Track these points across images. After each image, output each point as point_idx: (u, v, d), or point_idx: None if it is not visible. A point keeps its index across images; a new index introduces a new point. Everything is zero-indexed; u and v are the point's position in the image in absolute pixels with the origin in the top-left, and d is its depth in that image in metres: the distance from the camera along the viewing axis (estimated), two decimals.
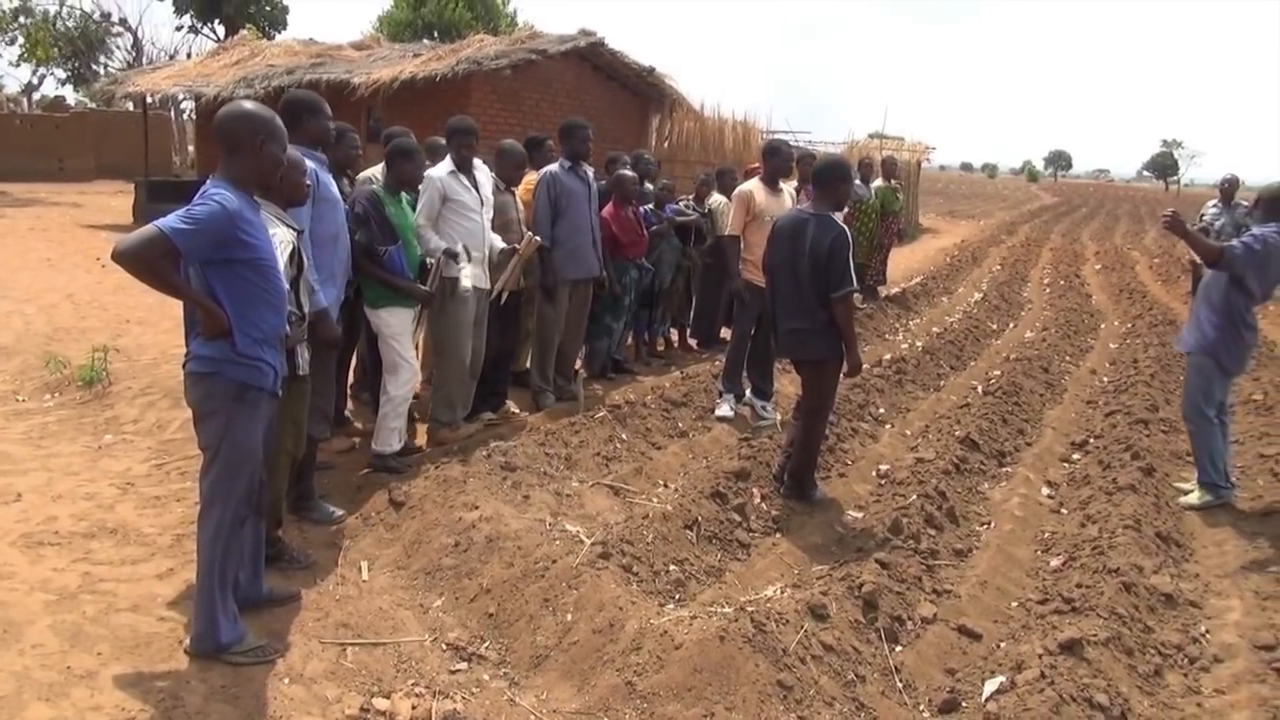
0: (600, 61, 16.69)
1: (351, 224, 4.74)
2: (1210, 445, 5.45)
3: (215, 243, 3.06)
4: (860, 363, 5.22)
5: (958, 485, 5.55)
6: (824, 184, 5.12)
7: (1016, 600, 4.38)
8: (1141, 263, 20.04)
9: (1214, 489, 5.47)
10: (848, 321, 4.98)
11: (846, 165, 5.38)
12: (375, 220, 4.91)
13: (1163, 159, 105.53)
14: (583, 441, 5.59)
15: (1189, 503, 5.48)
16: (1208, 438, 5.44)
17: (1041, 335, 10.77)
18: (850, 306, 5.02)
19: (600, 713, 3.25)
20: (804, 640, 3.51)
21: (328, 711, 3.12)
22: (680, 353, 8.68)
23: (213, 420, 3.24)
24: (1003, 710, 3.28)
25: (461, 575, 4.06)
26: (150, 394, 6.33)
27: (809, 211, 5.11)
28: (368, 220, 4.89)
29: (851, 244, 5.01)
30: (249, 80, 15.43)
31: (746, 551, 4.67)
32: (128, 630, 3.44)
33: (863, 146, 23.64)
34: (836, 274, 4.87)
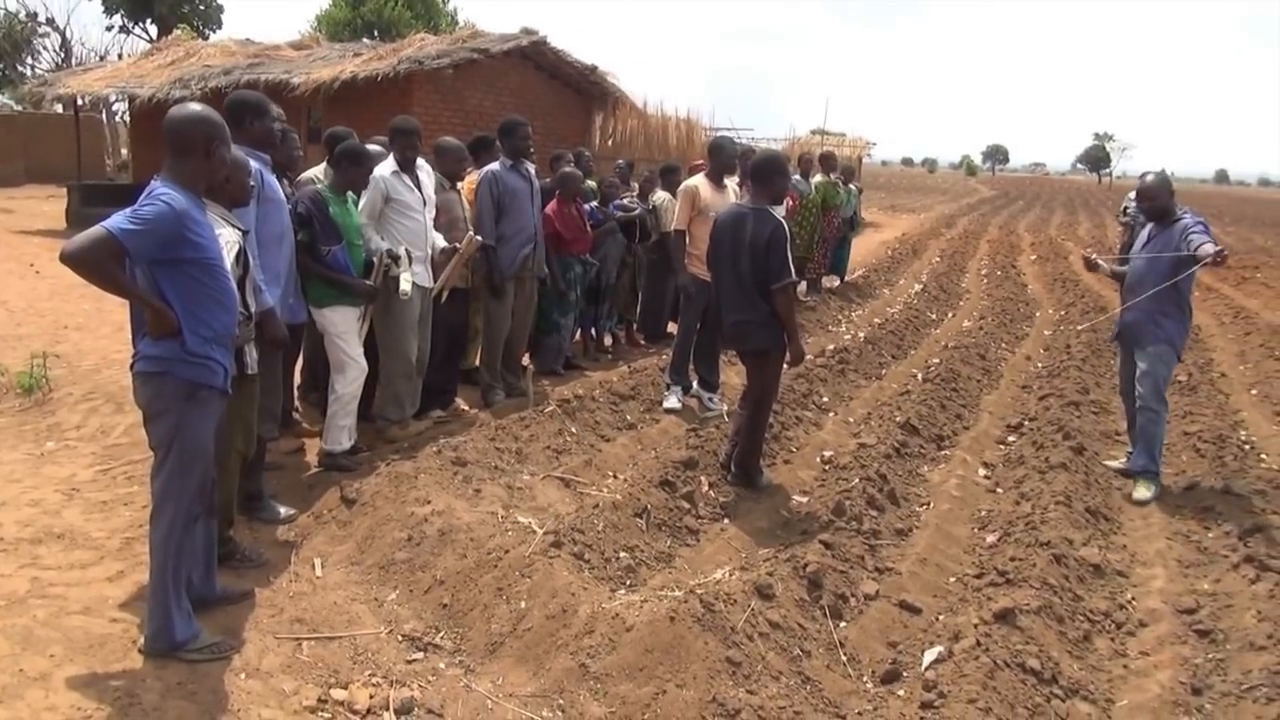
0: (543, 60, 16.71)
1: (295, 223, 4.75)
2: (1162, 432, 5.67)
3: (163, 243, 3.08)
4: (802, 352, 5.33)
5: (898, 468, 5.73)
6: (760, 179, 5.25)
7: (954, 575, 4.56)
8: (1075, 252, 20.61)
9: (1156, 478, 5.65)
10: (788, 312, 5.11)
11: (781, 160, 5.52)
12: (319, 220, 4.93)
13: (1095, 152, 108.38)
14: (533, 435, 5.66)
15: (1142, 498, 5.52)
16: (1161, 425, 5.65)
17: (979, 324, 11.07)
18: (790, 297, 5.16)
19: (555, 694, 3.34)
20: (751, 619, 3.63)
21: (286, 704, 3.16)
22: (627, 348, 8.78)
23: (163, 420, 3.26)
24: (941, 678, 3.43)
25: (415, 568, 4.11)
26: (93, 399, 6.26)
27: (748, 206, 5.24)
28: (310, 220, 4.90)
29: (790, 237, 5.14)
30: (185, 81, 15.17)
31: (695, 537, 4.79)
32: (80, 632, 3.44)
33: (804, 142, 23.98)
34: (775, 266, 5.00)
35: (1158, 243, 5.61)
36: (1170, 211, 5.58)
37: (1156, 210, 5.65)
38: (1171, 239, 5.49)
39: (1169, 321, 5.55)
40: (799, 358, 5.27)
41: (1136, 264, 5.74)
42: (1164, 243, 5.54)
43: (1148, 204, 5.71)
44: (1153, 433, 5.61)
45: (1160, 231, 5.63)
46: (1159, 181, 5.71)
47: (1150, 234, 5.75)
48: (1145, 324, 5.60)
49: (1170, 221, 5.56)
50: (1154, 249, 5.61)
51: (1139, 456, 5.70)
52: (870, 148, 28.78)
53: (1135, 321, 5.68)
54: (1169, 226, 5.55)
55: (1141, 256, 5.73)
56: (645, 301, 8.93)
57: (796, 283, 5.30)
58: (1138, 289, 5.63)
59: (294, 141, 5.35)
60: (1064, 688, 3.52)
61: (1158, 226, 5.66)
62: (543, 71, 17.04)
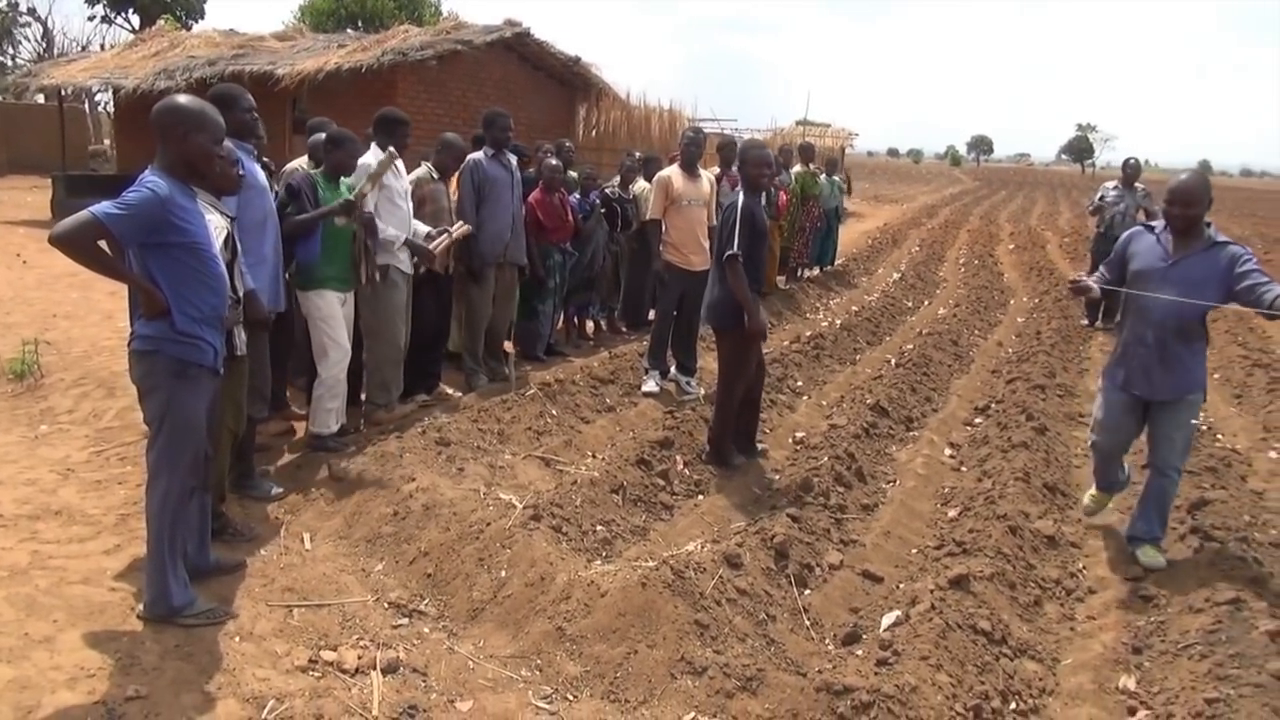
0: (526, 52, 16.82)
1: (285, 195, 4.93)
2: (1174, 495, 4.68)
3: (148, 227, 3.25)
4: (761, 326, 5.36)
5: (867, 448, 5.95)
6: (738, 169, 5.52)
7: (916, 547, 4.79)
8: (1053, 242, 20.92)
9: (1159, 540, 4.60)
10: (736, 283, 5.27)
11: (747, 148, 5.71)
12: (308, 196, 5.10)
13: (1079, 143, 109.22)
14: (514, 417, 5.85)
15: (1158, 563, 4.47)
16: (1176, 488, 4.67)
17: (954, 311, 11.31)
18: (736, 270, 5.27)
19: (534, 655, 3.55)
20: (719, 585, 3.84)
21: (278, 664, 3.35)
22: (609, 335, 8.97)
23: (155, 396, 3.43)
24: (897, 638, 3.65)
25: (400, 541, 4.30)
26: (84, 385, 6.41)
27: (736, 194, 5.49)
28: (299, 194, 5.07)
29: (752, 218, 5.32)
30: (169, 72, 15.21)
31: (670, 512, 5.00)
32: (81, 600, 3.61)
33: (788, 133, 24.17)
34: (725, 238, 5.26)
35: (1191, 268, 4.26)
36: (1202, 225, 4.33)
37: (1190, 221, 4.29)
38: (1215, 269, 4.21)
39: (1198, 360, 4.43)
40: (756, 331, 5.34)
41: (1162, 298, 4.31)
42: (1202, 271, 4.24)
43: (1182, 211, 4.29)
44: (1169, 497, 4.59)
45: (1188, 254, 4.30)
46: (1199, 183, 4.32)
47: (1168, 251, 4.37)
48: (1175, 370, 4.38)
49: (1204, 243, 4.29)
50: (1187, 278, 4.25)
51: (1151, 524, 4.56)
52: (853, 138, 28.97)
53: (1159, 365, 4.41)
54: (1205, 250, 4.27)
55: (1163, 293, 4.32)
56: (626, 289, 9.11)
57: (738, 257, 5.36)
58: (1155, 326, 4.37)
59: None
60: (1013, 648, 3.75)
61: (1182, 243, 4.33)
62: (526, 63, 17.16)
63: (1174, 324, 4.33)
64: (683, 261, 6.83)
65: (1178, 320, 4.31)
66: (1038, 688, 3.58)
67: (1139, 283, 4.45)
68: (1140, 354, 4.48)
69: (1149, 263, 4.43)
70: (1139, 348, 4.48)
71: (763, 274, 5.71)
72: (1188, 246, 4.33)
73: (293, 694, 3.14)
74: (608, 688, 3.36)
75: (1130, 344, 4.54)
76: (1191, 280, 4.25)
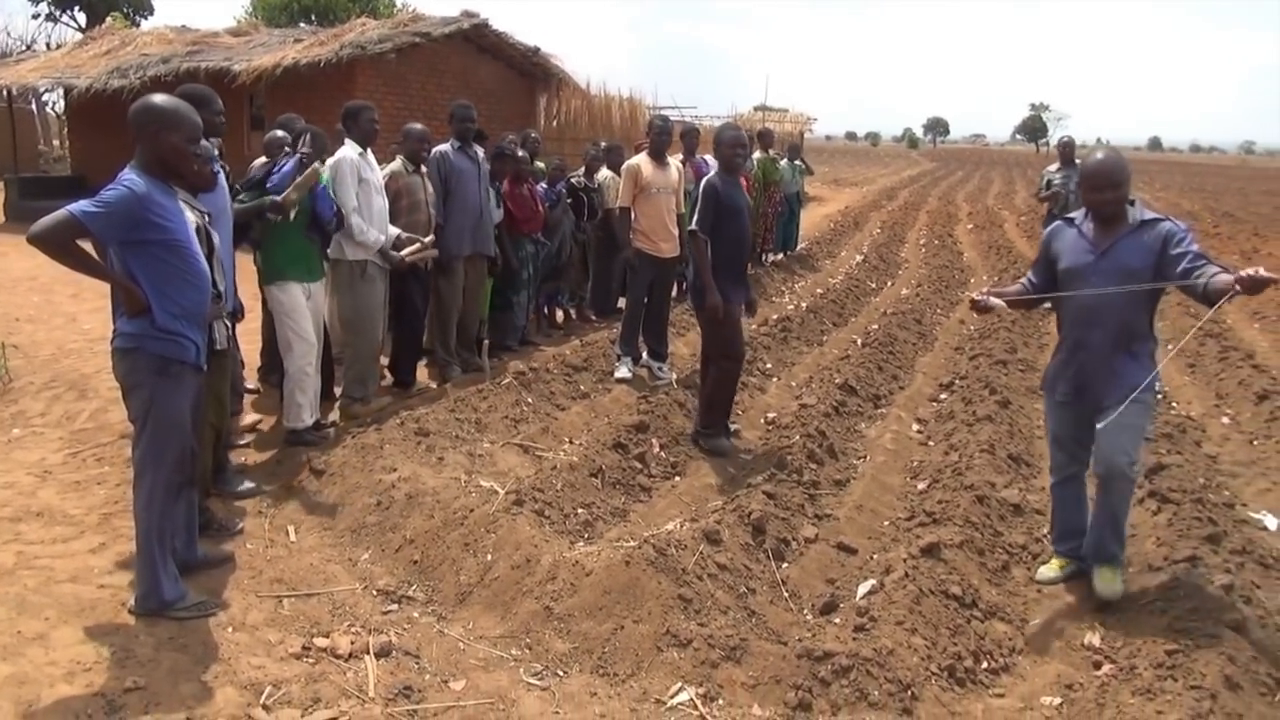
0: (485, 43, 16.78)
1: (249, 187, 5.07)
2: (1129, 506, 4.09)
3: (126, 225, 3.29)
4: (713, 302, 5.42)
5: (837, 426, 6.10)
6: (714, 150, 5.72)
7: (888, 519, 4.94)
8: (1010, 220, 21.29)
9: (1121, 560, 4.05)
10: (697, 258, 5.53)
11: (718, 130, 5.87)
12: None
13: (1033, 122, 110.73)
14: (491, 406, 5.92)
15: (1113, 591, 3.93)
16: (1131, 497, 4.13)
17: (916, 291, 11.53)
18: (696, 245, 5.50)
19: (522, 635, 3.64)
20: (700, 561, 3.96)
21: (273, 652, 3.41)
22: (579, 324, 9.05)
23: (138, 393, 3.47)
24: (872, 605, 3.79)
25: (386, 530, 4.37)
26: (54, 388, 6.38)
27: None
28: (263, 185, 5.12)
29: (717, 196, 5.45)
30: (122, 70, 14.97)
31: (648, 494, 5.10)
32: (71, 598, 3.65)
33: (747, 119, 24.34)
34: (690, 213, 5.43)
35: (1122, 255, 3.78)
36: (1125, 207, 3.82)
37: (1111, 205, 3.81)
38: (1148, 251, 3.73)
39: (1143, 361, 3.89)
40: (708, 307, 5.44)
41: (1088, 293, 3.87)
42: (1135, 256, 3.75)
43: (1107, 195, 3.79)
44: (1123, 510, 4.00)
45: (1116, 241, 3.81)
46: (1117, 161, 3.84)
47: (1092, 242, 3.89)
48: (1118, 369, 3.87)
49: (1130, 225, 3.80)
50: (1122, 266, 3.76)
51: (1107, 541, 3.97)
52: (812, 123, 29.26)
53: (1099, 370, 3.92)
54: (1133, 233, 3.79)
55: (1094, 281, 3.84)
56: (594, 278, 9.19)
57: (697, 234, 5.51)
58: (1096, 325, 3.90)
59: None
60: (983, 610, 3.91)
61: (1106, 230, 3.86)
62: (485, 54, 17.12)
63: (1117, 322, 3.82)
64: (652, 249, 6.92)
65: (1120, 317, 3.81)
66: (1008, 647, 3.73)
67: (1070, 282, 3.94)
68: (1084, 360, 3.98)
69: (1076, 258, 3.92)
70: (1081, 353, 3.99)
71: (740, 253, 5.73)
72: (1113, 232, 3.83)
73: (289, 680, 3.21)
74: (597, 662, 3.46)
75: (1073, 350, 4.04)
76: (1127, 269, 3.74)
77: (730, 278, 5.61)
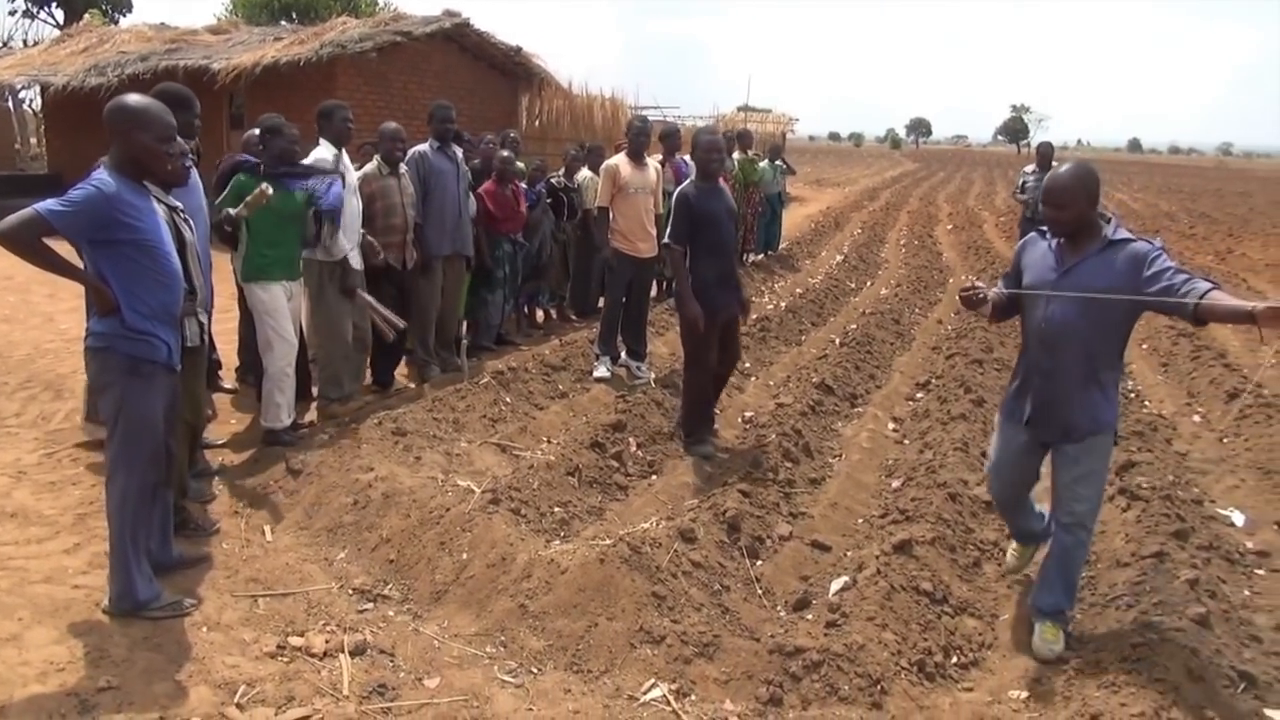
0: (467, 42, 16.76)
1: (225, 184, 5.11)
2: (1084, 558, 3.83)
3: (95, 224, 3.28)
4: (692, 314, 5.42)
5: (813, 425, 6.15)
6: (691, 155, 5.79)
7: (862, 517, 4.99)
8: (989, 221, 21.45)
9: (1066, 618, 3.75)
10: (673, 270, 5.63)
11: (694, 134, 5.85)
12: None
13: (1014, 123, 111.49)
14: (469, 406, 5.94)
15: (1051, 651, 3.62)
16: (1087, 549, 3.82)
17: (895, 291, 11.61)
18: (673, 256, 5.54)
19: (497, 633, 3.66)
20: (675, 559, 3.99)
21: (247, 651, 3.42)
22: (558, 324, 9.07)
23: (109, 393, 3.47)
24: (844, 601, 3.83)
25: (362, 529, 4.38)
26: (30, 388, 6.35)
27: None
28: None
29: (689, 205, 5.44)
30: (100, 68, 14.87)
31: (625, 493, 5.13)
32: (45, 598, 3.64)
33: (729, 120, 24.41)
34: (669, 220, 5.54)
35: (1085, 276, 3.48)
36: (1092, 224, 3.51)
37: (1065, 224, 3.53)
38: (1114, 274, 3.41)
39: (1108, 394, 3.61)
40: (684, 318, 5.49)
41: (1055, 311, 3.55)
42: (1100, 278, 3.44)
43: (1050, 213, 3.54)
44: (1077, 560, 3.73)
45: (1082, 260, 3.50)
46: (1072, 178, 3.49)
47: (1061, 258, 3.59)
48: (1078, 401, 3.57)
49: (1100, 243, 3.48)
50: (1074, 288, 3.49)
51: (1055, 591, 3.70)
52: (794, 124, 29.36)
53: (1059, 399, 3.62)
54: (1101, 253, 3.47)
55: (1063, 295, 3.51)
56: (574, 278, 9.21)
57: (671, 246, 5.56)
58: (1058, 350, 3.57)
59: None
60: (954, 606, 3.96)
61: (1074, 248, 3.55)
62: (467, 53, 17.10)
63: (1082, 348, 3.52)
64: (630, 249, 6.96)
65: (1085, 342, 3.52)
66: (977, 642, 3.79)
67: (1029, 300, 3.69)
68: (1039, 386, 3.67)
69: (1039, 275, 3.65)
70: (1039, 379, 3.68)
71: (721, 260, 5.54)
72: (1081, 250, 3.53)
73: (263, 678, 3.22)
74: (571, 659, 3.49)
75: (1029, 373, 3.74)
76: (1088, 290, 3.45)
77: (714, 284, 5.49)
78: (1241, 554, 4.55)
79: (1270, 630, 3.83)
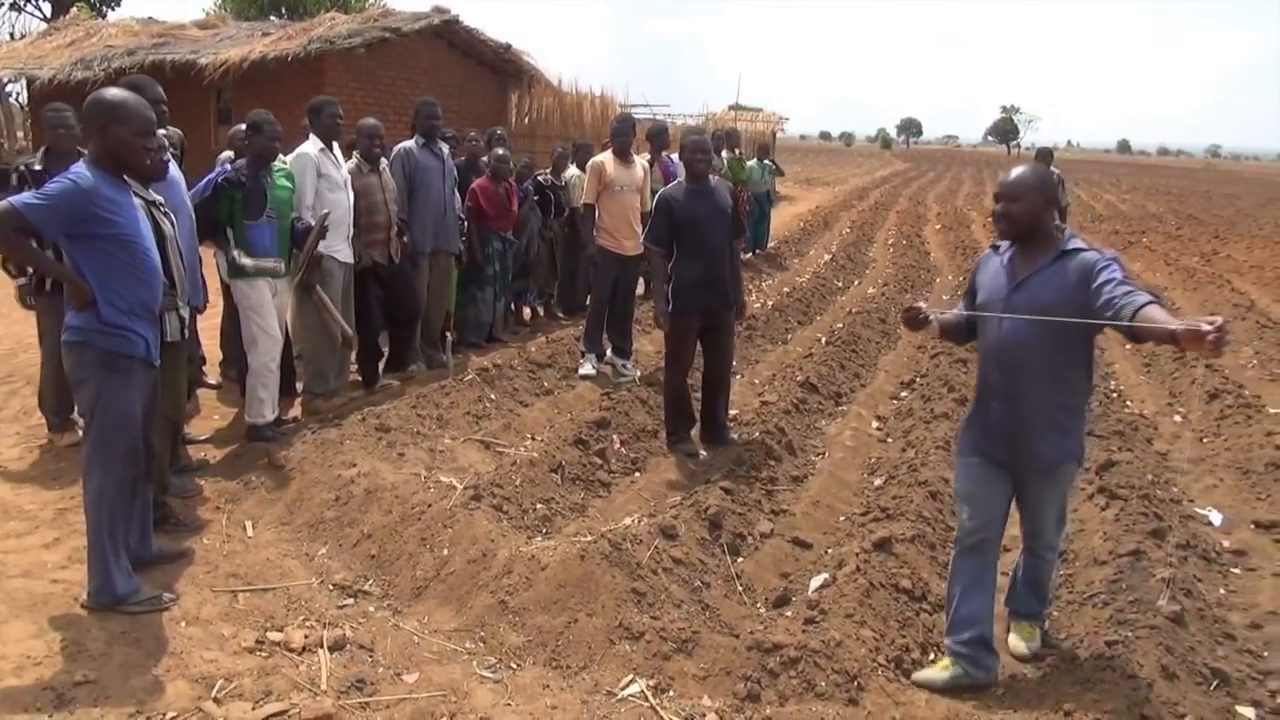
0: (456, 39, 16.75)
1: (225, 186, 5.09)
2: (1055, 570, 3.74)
3: (70, 218, 3.28)
4: (660, 311, 5.55)
5: (797, 423, 6.17)
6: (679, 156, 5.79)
7: (844, 515, 5.01)
8: (978, 221, 21.53)
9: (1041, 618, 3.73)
10: (652, 270, 5.65)
11: (682, 135, 5.88)
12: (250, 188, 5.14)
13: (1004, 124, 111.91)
14: (453, 403, 5.94)
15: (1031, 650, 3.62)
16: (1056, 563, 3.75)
17: (882, 290, 11.65)
18: (651, 257, 5.65)
19: (477, 628, 3.67)
20: (655, 556, 4.00)
21: (226, 646, 3.41)
22: (546, 321, 9.07)
23: (85, 387, 3.47)
24: (823, 598, 3.86)
25: (343, 525, 4.38)
26: (12, 382, 6.33)
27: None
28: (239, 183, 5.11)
29: (669, 207, 5.44)
30: (86, 62, 14.82)
31: (607, 490, 5.15)
32: (22, 593, 3.63)
33: (720, 118, 24.41)
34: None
35: (1036, 290, 3.24)
36: (1046, 231, 3.29)
37: (1019, 219, 3.30)
38: (1064, 287, 3.18)
39: (1075, 420, 3.38)
40: (656, 317, 5.65)
41: (1009, 330, 3.30)
42: (1050, 292, 3.20)
43: (1008, 207, 3.30)
44: (1049, 575, 3.66)
45: (1034, 273, 3.27)
46: (1030, 172, 3.37)
47: (1013, 272, 3.35)
48: (1040, 427, 3.31)
49: (1052, 254, 3.25)
50: (1034, 303, 3.22)
51: (1028, 598, 3.67)
52: (784, 123, 29.36)
53: (1020, 426, 3.34)
54: (1052, 264, 3.24)
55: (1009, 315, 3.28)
56: (561, 276, 9.21)
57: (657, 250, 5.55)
58: (1015, 370, 3.33)
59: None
60: (932, 603, 3.98)
61: (1027, 260, 3.32)
62: (456, 50, 17.09)
63: (1039, 367, 3.27)
64: (615, 246, 6.97)
65: (1041, 361, 3.27)
66: None
67: (984, 319, 3.45)
68: (998, 411, 3.39)
69: (991, 292, 3.41)
70: (997, 402, 3.40)
71: (706, 261, 5.42)
72: (1034, 262, 3.29)
73: (241, 673, 3.22)
74: (550, 655, 3.50)
75: (987, 398, 3.47)
76: (1039, 305, 3.20)
77: (696, 286, 5.41)
78: (1218, 553, 4.59)
79: (1244, 628, 3.87)
